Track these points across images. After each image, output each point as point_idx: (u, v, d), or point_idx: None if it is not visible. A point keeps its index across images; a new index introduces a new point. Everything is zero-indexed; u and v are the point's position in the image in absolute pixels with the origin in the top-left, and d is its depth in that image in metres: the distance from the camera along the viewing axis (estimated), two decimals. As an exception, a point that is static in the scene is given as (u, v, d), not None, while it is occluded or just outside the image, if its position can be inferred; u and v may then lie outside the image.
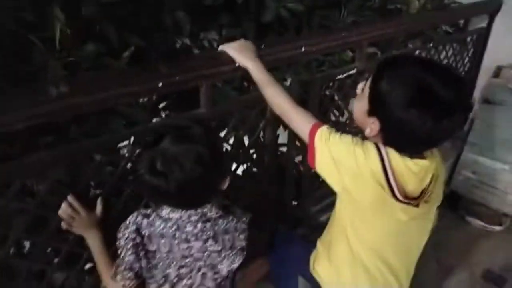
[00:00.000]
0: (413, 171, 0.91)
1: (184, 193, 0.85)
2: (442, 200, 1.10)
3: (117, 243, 0.93)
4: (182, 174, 0.81)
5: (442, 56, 2.12)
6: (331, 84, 1.58)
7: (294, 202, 1.74)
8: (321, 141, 0.95)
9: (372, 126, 0.91)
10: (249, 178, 1.47)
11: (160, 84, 1.01)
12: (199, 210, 0.91)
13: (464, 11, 2.10)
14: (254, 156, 1.47)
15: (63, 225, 1.00)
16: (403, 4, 1.91)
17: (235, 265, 0.98)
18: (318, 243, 1.18)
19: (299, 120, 1.01)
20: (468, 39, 2.28)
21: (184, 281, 0.95)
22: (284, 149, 1.57)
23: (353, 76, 1.66)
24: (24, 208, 0.95)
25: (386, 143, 0.92)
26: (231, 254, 0.97)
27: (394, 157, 0.91)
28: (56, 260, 1.06)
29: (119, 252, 0.93)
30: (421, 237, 1.08)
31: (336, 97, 1.61)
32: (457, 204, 2.67)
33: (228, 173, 0.97)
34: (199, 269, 0.95)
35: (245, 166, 1.47)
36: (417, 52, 1.95)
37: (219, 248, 0.94)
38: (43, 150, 0.97)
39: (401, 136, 0.89)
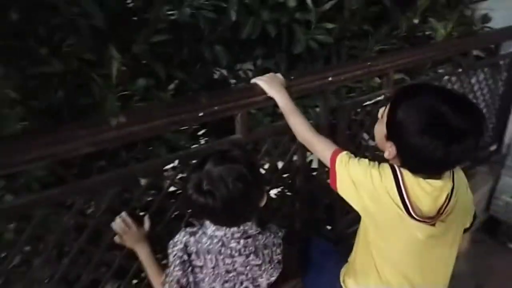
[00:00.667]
0: (427, 190, 0.96)
1: (229, 210, 0.95)
2: (480, 225, 1.12)
3: (168, 258, 1.04)
4: (226, 191, 0.92)
5: (473, 81, 2.16)
6: (359, 109, 1.66)
7: (328, 227, 1.80)
8: (341, 165, 1.04)
9: (390, 149, 0.98)
10: (282, 200, 1.56)
11: (201, 114, 1.14)
12: (241, 228, 1.01)
13: (492, 36, 2.13)
14: (287, 179, 1.56)
15: (116, 239, 1.13)
16: (431, 31, 1.98)
17: (273, 278, 1.07)
18: (349, 259, 1.25)
19: (321, 147, 1.11)
20: (501, 63, 2.30)
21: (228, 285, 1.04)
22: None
23: (381, 102, 1.73)
24: (81, 223, 1.09)
25: (402, 166, 0.99)
26: (269, 268, 1.06)
27: (408, 177, 0.97)
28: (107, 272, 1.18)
29: (170, 266, 1.04)
30: (447, 259, 1.11)
31: (365, 123, 1.68)
32: (496, 230, 2.61)
33: (265, 190, 1.06)
34: (241, 283, 1.04)
35: (279, 188, 1.57)
36: (446, 77, 2.00)
37: (260, 262, 1.03)
38: (97, 174, 1.12)
39: (415, 160, 0.95)
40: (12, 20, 1.31)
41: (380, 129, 1.02)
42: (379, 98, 1.72)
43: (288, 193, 1.60)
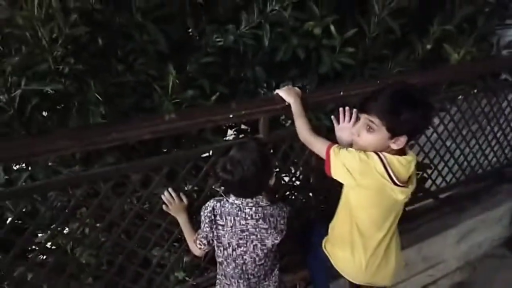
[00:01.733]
0: (403, 164, 1.32)
1: (243, 185, 1.31)
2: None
3: (201, 218, 1.40)
4: (242, 172, 1.28)
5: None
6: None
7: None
8: (334, 154, 1.35)
9: (398, 142, 1.32)
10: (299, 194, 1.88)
11: (231, 116, 1.51)
12: (254, 199, 1.36)
13: (506, 61, 2.31)
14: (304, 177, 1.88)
15: (164, 207, 1.51)
16: (446, 55, 2.21)
17: (277, 241, 1.39)
18: (330, 225, 1.59)
19: (318, 145, 1.44)
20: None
21: (241, 248, 1.38)
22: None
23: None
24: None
25: (393, 133, 1.32)
26: (274, 232, 1.38)
27: (389, 157, 1.32)
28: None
29: (201, 225, 1.40)
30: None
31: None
32: None
33: (273, 174, 1.39)
34: (252, 241, 1.38)
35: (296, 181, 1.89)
36: (460, 97, 2.22)
37: (266, 226, 1.36)
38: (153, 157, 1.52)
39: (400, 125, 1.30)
40: (99, 45, 1.79)
41: (380, 137, 1.32)
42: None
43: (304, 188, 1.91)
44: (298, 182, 1.89)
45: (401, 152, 1.37)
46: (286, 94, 1.57)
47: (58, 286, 1.46)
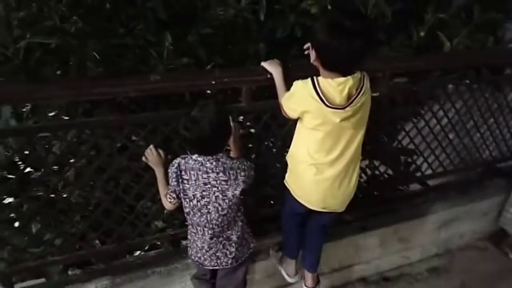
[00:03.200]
0: (333, 86, 1.40)
1: (201, 143, 1.45)
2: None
3: (168, 175, 1.56)
4: (199, 130, 1.40)
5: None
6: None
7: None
8: (284, 100, 1.56)
9: (312, 54, 1.45)
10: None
11: (213, 82, 1.64)
12: (215, 156, 1.49)
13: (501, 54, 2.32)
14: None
15: (144, 158, 1.67)
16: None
17: (237, 192, 1.52)
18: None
19: (280, 98, 1.60)
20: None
21: (205, 199, 1.52)
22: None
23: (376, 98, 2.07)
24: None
25: (323, 66, 1.42)
26: (234, 184, 1.51)
27: (321, 80, 1.42)
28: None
29: (169, 180, 1.56)
30: (354, 138, 1.56)
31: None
32: (502, 240, 2.72)
33: (230, 133, 1.53)
34: (214, 193, 1.52)
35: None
36: (451, 86, 2.27)
37: (226, 178, 1.50)
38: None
39: (327, 58, 1.39)
40: (106, 9, 1.94)
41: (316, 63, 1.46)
42: (374, 94, 2.07)
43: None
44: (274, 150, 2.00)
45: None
46: (269, 65, 1.68)
47: (48, 219, 1.67)
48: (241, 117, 1.84)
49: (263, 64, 1.72)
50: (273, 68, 1.68)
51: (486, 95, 2.46)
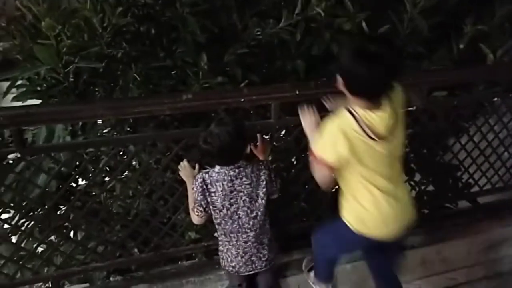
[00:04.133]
0: (375, 119, 1.37)
1: (222, 153, 1.52)
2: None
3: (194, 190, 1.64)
4: (219, 142, 1.48)
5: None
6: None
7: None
8: (318, 142, 1.48)
9: (358, 102, 1.38)
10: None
11: (242, 100, 1.71)
12: (236, 165, 1.56)
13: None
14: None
15: (179, 172, 1.76)
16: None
17: (262, 192, 1.59)
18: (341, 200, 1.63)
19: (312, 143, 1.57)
20: None
21: (234, 206, 1.59)
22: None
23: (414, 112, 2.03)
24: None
25: (351, 95, 1.38)
26: (257, 185, 1.58)
27: (360, 111, 1.37)
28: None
29: (194, 195, 1.63)
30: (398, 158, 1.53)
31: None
32: None
33: (247, 144, 1.59)
34: (241, 197, 1.58)
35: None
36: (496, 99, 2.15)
37: (249, 181, 1.57)
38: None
39: (356, 85, 1.35)
40: (149, 33, 2.11)
41: (346, 97, 1.42)
42: (410, 109, 2.03)
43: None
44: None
45: (377, 107, 1.37)
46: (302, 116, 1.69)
47: (92, 227, 1.82)
48: (270, 133, 1.90)
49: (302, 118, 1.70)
50: (304, 118, 1.67)
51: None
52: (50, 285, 1.90)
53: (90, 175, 1.84)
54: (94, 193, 1.86)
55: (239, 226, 1.63)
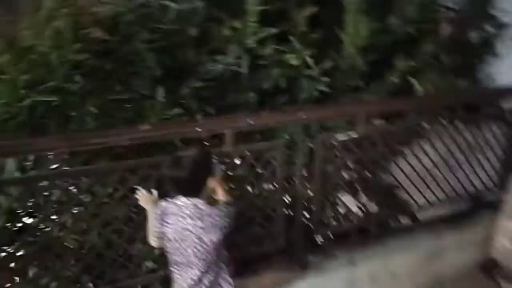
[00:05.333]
0: None
1: (182, 181, 1.55)
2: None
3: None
4: (181, 170, 1.52)
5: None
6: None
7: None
8: None
9: None
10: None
11: (199, 129, 1.80)
12: (194, 201, 1.57)
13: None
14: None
15: (137, 197, 1.78)
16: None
17: (214, 238, 1.57)
18: None
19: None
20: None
21: (184, 243, 1.59)
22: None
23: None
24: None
25: None
26: (212, 230, 1.57)
27: None
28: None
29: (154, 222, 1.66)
30: None
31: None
32: (493, 270, 2.73)
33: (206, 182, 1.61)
34: (192, 239, 1.57)
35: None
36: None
37: (203, 225, 1.55)
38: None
39: None
40: (106, 68, 2.17)
41: None
42: (354, 136, 2.22)
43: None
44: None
45: None
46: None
47: (46, 263, 1.77)
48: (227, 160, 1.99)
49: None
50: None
51: (463, 132, 2.59)
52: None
53: (42, 210, 1.81)
54: (46, 228, 1.82)
55: (188, 262, 1.61)
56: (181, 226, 1.57)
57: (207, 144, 2.03)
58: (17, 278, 1.80)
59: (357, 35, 2.23)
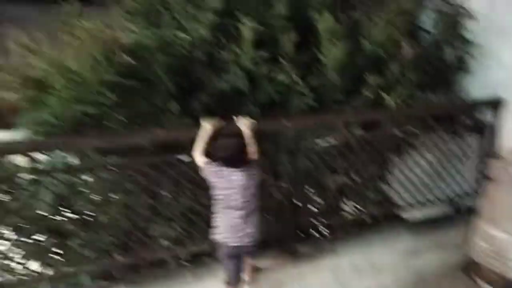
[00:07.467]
0: None
1: (230, 158, 2.15)
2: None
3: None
4: (230, 151, 2.14)
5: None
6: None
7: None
8: None
9: None
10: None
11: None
12: (240, 166, 2.16)
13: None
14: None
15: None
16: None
17: (252, 185, 2.17)
18: None
19: None
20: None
21: (232, 190, 2.14)
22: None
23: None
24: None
25: None
26: (250, 180, 2.17)
27: None
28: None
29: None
30: None
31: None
32: (472, 270, 2.96)
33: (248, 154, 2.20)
34: (237, 185, 2.14)
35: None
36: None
37: (244, 177, 2.15)
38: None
39: None
40: (133, 87, 2.71)
41: None
42: (334, 142, 2.68)
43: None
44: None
45: None
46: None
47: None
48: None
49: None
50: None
51: (436, 142, 3.00)
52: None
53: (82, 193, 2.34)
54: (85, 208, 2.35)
55: (234, 206, 2.16)
56: (231, 178, 2.15)
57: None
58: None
59: (332, 56, 2.71)
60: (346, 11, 3.05)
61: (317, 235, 3.25)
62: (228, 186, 2.15)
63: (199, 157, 2.23)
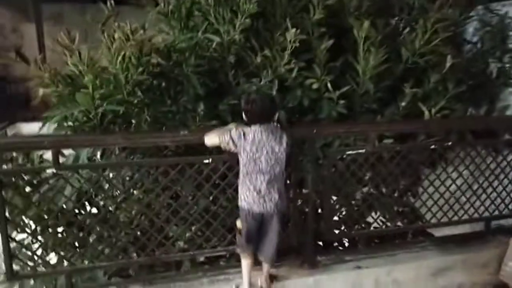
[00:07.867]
0: None
1: (260, 112, 2.18)
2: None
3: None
4: (257, 104, 2.17)
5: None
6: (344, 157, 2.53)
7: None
8: None
9: None
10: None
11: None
12: (267, 125, 2.17)
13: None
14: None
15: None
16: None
17: (282, 149, 2.17)
18: None
19: None
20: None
21: (258, 153, 2.14)
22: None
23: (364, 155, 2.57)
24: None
25: None
26: (279, 142, 2.17)
27: None
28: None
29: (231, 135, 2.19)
30: None
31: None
32: None
33: (276, 112, 2.26)
34: (265, 147, 2.14)
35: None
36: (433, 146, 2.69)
37: (274, 138, 2.16)
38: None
39: None
40: (160, 87, 2.73)
41: None
42: (361, 151, 2.57)
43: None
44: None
45: None
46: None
47: (102, 233, 2.32)
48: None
49: None
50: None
51: (474, 157, 2.82)
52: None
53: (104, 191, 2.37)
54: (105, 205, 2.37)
55: (259, 169, 2.16)
56: (257, 140, 2.16)
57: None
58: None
59: (368, 64, 2.60)
60: (386, 18, 2.94)
61: (338, 246, 3.16)
62: (253, 148, 2.13)
63: (214, 138, 2.22)
